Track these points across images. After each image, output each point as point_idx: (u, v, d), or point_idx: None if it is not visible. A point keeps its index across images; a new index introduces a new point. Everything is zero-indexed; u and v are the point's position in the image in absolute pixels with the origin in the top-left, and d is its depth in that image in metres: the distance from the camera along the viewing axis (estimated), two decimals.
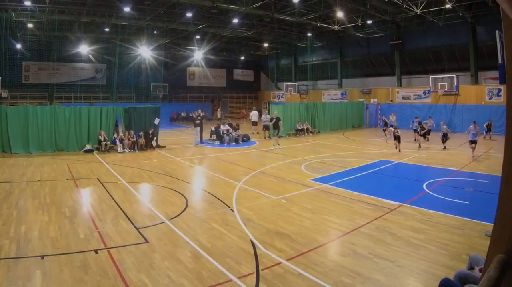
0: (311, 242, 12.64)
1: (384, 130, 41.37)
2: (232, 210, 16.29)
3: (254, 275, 10.39)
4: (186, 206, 16.97)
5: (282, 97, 77.06)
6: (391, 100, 57.54)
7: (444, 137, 32.65)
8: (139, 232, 13.59)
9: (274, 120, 36.47)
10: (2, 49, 54.58)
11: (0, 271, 10.28)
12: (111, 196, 18.51)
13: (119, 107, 34.94)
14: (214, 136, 39.68)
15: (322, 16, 49.54)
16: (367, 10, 46.39)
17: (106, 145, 32.48)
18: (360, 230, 13.77)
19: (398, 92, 57.15)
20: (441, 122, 34.13)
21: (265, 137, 41.43)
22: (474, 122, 29.08)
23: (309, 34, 61.35)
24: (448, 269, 10.38)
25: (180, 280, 10.11)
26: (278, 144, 34.96)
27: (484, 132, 35.55)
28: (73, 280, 9.91)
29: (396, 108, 54.78)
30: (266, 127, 41.75)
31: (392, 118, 39.31)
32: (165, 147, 35.38)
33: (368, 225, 14.28)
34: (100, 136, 32.54)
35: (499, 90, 44.58)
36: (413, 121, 38.50)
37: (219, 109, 59.58)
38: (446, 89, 48.98)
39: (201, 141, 38.33)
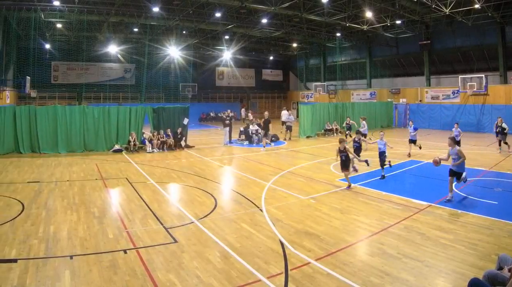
0: (340, 242, 12.62)
1: (347, 135, 38.72)
2: (261, 210, 16.29)
3: (283, 275, 10.37)
4: (215, 206, 16.98)
5: (311, 97, 76.85)
6: (420, 100, 57.23)
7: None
8: (168, 232, 13.63)
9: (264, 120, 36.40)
10: (31, 49, 55.26)
11: (29, 271, 10.39)
12: (140, 195, 18.60)
13: (148, 107, 35.09)
14: (243, 136, 39.62)
15: (351, 16, 49.44)
16: (396, 10, 46.16)
17: (135, 144, 32.69)
18: (389, 230, 13.73)
19: (427, 92, 56.86)
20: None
21: (285, 139, 41.10)
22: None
23: (338, 34, 61.05)
24: (477, 269, 10.33)
25: (209, 280, 10.12)
26: (269, 143, 35.08)
27: (496, 134, 32.09)
28: (102, 280, 9.98)
29: (425, 108, 55.24)
30: (288, 128, 41.46)
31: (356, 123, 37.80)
32: (194, 146, 35.46)
33: (396, 225, 14.24)
34: (130, 137, 32.75)
35: None
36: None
37: (243, 109, 59.15)
38: (475, 89, 48.55)
39: (230, 141, 38.37)
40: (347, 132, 38.67)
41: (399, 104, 59.31)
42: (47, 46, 59.20)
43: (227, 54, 69.30)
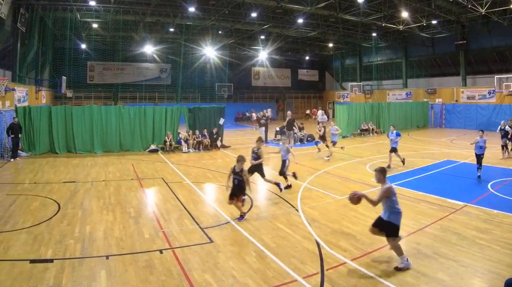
0: (376, 242, 12.54)
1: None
2: (296, 210, 16.33)
3: (319, 275, 10.40)
4: (251, 205, 17.01)
5: (347, 97, 76.42)
6: (456, 100, 56.58)
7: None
8: (203, 232, 13.68)
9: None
10: (67, 49, 55.81)
11: (65, 271, 10.49)
12: (176, 196, 18.70)
13: (184, 107, 35.24)
14: (279, 136, 39.49)
15: (387, 16, 49.11)
16: (432, 10, 45.72)
17: (171, 145, 32.84)
18: (425, 230, 13.74)
19: (463, 92, 56.21)
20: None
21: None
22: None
23: (374, 34, 60.62)
24: None
25: (244, 280, 10.15)
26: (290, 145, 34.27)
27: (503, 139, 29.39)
28: (138, 280, 10.05)
29: (461, 108, 54.75)
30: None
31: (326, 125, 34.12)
32: (229, 146, 35.50)
33: (432, 225, 14.23)
34: (166, 137, 32.92)
35: None
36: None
37: (269, 109, 58.80)
38: (511, 89, 47.80)
39: (266, 141, 38.20)
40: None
41: (435, 104, 58.87)
42: (83, 46, 59.78)
43: (263, 54, 69.19)
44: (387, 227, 11.34)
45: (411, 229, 13.76)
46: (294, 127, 36.63)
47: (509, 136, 28.76)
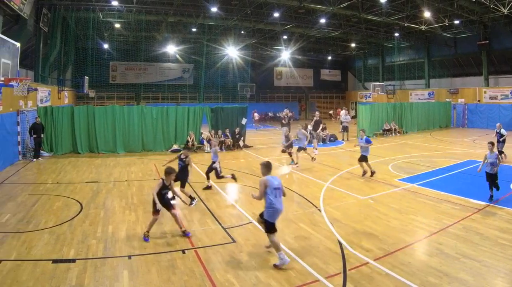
0: (398, 242, 12.63)
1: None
2: (319, 210, 16.35)
3: (341, 275, 10.42)
4: None
5: (369, 97, 76.15)
6: (478, 100, 56.28)
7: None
8: (226, 232, 13.74)
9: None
10: (89, 49, 56.58)
11: (87, 271, 10.57)
12: (198, 196, 18.74)
13: (206, 107, 35.28)
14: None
15: (409, 16, 49.05)
16: (454, 10, 45.56)
17: (193, 144, 32.87)
18: (447, 230, 13.68)
19: (485, 92, 55.87)
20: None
21: (343, 139, 40.94)
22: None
23: (396, 34, 60.43)
24: None
25: (267, 280, 10.18)
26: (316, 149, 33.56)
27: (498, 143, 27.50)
28: (160, 280, 10.09)
29: (484, 108, 54.53)
30: (345, 129, 41.30)
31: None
32: (252, 146, 35.53)
33: (455, 225, 14.17)
34: (188, 137, 32.97)
35: None
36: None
37: (286, 109, 58.11)
38: None
39: None
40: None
41: (457, 104, 58.61)
42: (105, 46, 60.34)
43: (285, 54, 69.18)
44: (264, 222, 11.73)
45: (434, 229, 13.76)
46: (321, 127, 36.46)
47: (501, 139, 27.65)
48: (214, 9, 45.02)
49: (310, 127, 38.01)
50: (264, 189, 11.50)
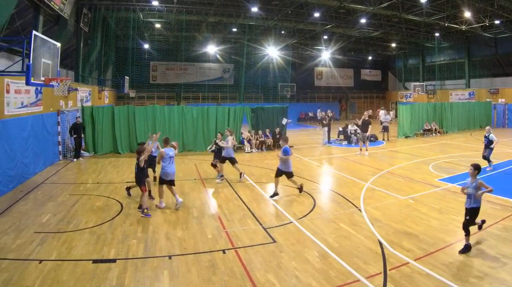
0: (439, 242, 12.54)
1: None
2: (359, 210, 16.28)
3: (382, 275, 10.38)
4: (314, 205, 17.04)
5: (409, 97, 75.55)
6: None
7: None
8: (266, 232, 13.71)
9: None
10: (129, 49, 57.32)
11: (127, 271, 10.66)
12: (238, 196, 18.80)
13: (246, 107, 35.38)
14: (341, 137, 39.39)
15: (449, 16, 48.58)
16: (495, 10, 44.91)
17: (233, 145, 32.57)
18: (488, 230, 13.54)
19: None
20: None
21: (383, 139, 40.64)
22: None
23: (437, 34, 59.94)
24: None
25: (307, 280, 10.15)
26: (366, 150, 32.67)
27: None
28: (201, 280, 10.11)
29: None
30: (385, 129, 41.00)
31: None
32: (292, 146, 35.17)
33: (495, 225, 14.05)
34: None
35: None
36: None
37: (319, 110, 57.52)
38: None
39: (329, 141, 38.22)
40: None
41: (497, 104, 57.94)
42: (146, 46, 61.12)
43: (325, 54, 69.18)
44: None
45: (474, 229, 13.29)
46: (369, 128, 36.23)
47: (492, 146, 25.68)
48: (254, 9, 45.16)
49: (351, 127, 37.90)
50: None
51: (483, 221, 13.03)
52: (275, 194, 18.68)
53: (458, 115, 49.67)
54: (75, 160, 28.56)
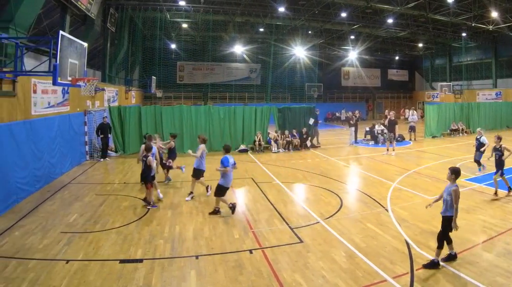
0: (465, 242, 12.48)
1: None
2: (386, 210, 16.26)
3: (409, 275, 10.39)
4: (341, 205, 17.03)
5: (436, 97, 75.13)
6: None
7: None
8: (293, 232, 13.71)
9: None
10: (156, 49, 57.56)
11: (154, 271, 10.73)
12: (265, 196, 18.81)
13: (273, 107, 35.38)
14: (368, 136, 39.29)
15: (476, 16, 48.25)
16: None
17: (260, 144, 32.89)
18: None
19: None
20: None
21: (410, 139, 40.35)
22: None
23: (464, 34, 59.57)
24: None
25: (334, 280, 10.17)
26: (393, 150, 32.37)
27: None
28: (228, 280, 10.15)
29: None
30: (412, 129, 40.76)
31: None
32: (319, 146, 35.36)
33: None
34: (255, 137, 33.06)
35: None
36: None
37: (343, 111, 56.72)
38: None
39: (356, 141, 38.13)
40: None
41: None
42: (173, 46, 61.49)
43: (352, 54, 69.04)
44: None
45: (501, 228, 13.59)
46: (396, 128, 35.98)
47: (482, 149, 24.57)
48: (281, 9, 45.32)
49: (378, 127, 37.73)
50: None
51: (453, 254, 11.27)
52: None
53: (485, 115, 49.35)
54: (102, 160, 28.79)
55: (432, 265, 10.78)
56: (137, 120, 31.69)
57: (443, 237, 11.00)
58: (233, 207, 15.91)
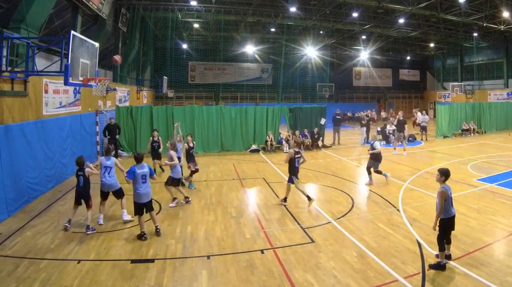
0: (477, 242, 12.54)
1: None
2: (398, 210, 16.28)
3: (420, 275, 10.42)
4: (352, 205, 17.06)
5: (448, 97, 74.89)
6: None
7: None
8: (305, 232, 13.73)
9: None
10: (168, 49, 57.65)
11: (166, 271, 10.78)
12: (277, 195, 18.81)
13: (285, 107, 35.34)
14: (379, 137, 39.01)
15: (488, 16, 48.02)
16: None
17: (271, 144, 32.89)
18: None
19: None
20: None
21: (422, 139, 40.26)
22: None
23: (475, 34, 59.39)
24: None
25: (346, 280, 10.18)
26: (404, 150, 32.80)
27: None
28: (239, 280, 10.17)
29: None
30: (423, 129, 40.50)
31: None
32: (331, 146, 35.35)
33: None
34: (267, 137, 33.04)
35: None
36: None
37: (361, 112, 57.48)
38: None
39: (367, 141, 37.88)
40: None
41: None
42: (184, 46, 61.64)
43: (364, 54, 69.05)
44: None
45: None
46: (405, 127, 35.92)
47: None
48: (293, 9, 45.25)
49: (389, 127, 37.66)
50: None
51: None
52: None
53: (496, 115, 49.37)
54: None
55: (438, 267, 10.74)
56: (149, 121, 31.75)
57: (442, 239, 11.00)
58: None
